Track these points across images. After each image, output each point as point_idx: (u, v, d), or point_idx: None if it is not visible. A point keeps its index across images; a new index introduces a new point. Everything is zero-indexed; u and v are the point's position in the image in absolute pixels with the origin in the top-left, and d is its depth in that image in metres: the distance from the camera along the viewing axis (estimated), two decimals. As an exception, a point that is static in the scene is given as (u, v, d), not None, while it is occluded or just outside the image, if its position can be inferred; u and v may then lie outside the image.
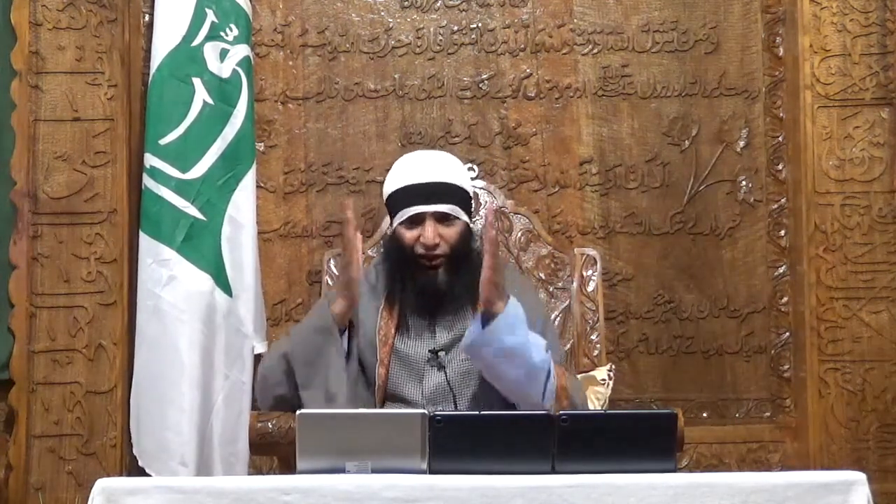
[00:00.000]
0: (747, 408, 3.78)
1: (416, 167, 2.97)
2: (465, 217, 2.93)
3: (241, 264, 3.48)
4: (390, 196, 2.96)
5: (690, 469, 3.61)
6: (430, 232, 2.87)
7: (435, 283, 2.89)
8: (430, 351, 2.89)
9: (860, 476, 2.16)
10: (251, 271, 3.49)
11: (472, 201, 3.04)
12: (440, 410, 2.79)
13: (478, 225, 3.20)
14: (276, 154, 3.77)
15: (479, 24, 3.81)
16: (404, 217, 2.91)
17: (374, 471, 2.15)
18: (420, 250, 2.89)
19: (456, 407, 2.84)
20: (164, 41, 3.49)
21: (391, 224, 2.98)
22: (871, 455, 3.61)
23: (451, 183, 2.92)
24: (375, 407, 2.88)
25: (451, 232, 2.90)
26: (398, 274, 2.93)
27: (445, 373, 2.87)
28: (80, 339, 3.55)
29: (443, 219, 2.90)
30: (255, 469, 3.51)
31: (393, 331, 2.92)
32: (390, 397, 2.92)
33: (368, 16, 3.80)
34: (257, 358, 3.52)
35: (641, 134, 3.80)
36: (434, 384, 2.88)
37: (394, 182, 2.96)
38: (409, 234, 2.90)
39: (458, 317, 2.93)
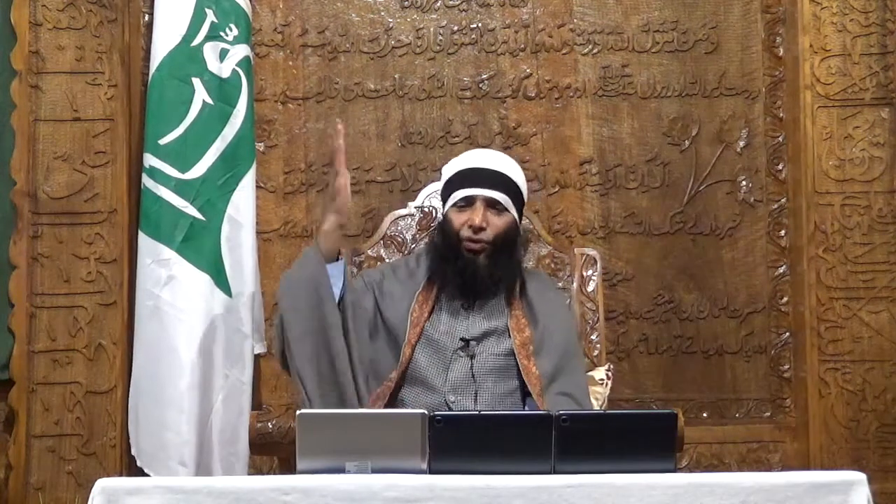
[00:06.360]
0: (747, 408, 3.78)
1: (477, 157, 3.04)
2: (514, 211, 2.96)
3: (240, 264, 3.48)
4: (448, 181, 3.00)
5: (690, 469, 3.60)
6: (479, 214, 2.90)
7: (475, 267, 2.91)
8: (461, 339, 2.90)
9: (860, 476, 2.15)
10: (251, 271, 3.49)
11: (524, 204, 3.06)
12: (459, 399, 2.83)
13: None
14: (276, 154, 3.76)
15: (479, 24, 3.80)
16: (457, 198, 2.94)
17: (374, 471, 2.15)
18: (467, 233, 2.91)
19: (476, 399, 2.85)
20: (164, 41, 3.49)
21: (444, 209, 3.00)
22: (871, 455, 3.61)
23: (508, 175, 2.97)
24: (393, 384, 2.87)
25: (500, 221, 2.93)
26: (442, 256, 2.95)
27: (472, 363, 2.88)
28: (80, 339, 3.55)
29: (493, 205, 2.93)
30: (255, 469, 3.51)
31: (426, 314, 2.94)
32: (411, 380, 2.91)
33: (368, 16, 3.80)
34: (257, 358, 3.53)
35: (641, 134, 3.80)
36: (459, 372, 2.88)
37: (453, 167, 3.01)
38: (458, 218, 2.93)
39: (492, 309, 2.95)
